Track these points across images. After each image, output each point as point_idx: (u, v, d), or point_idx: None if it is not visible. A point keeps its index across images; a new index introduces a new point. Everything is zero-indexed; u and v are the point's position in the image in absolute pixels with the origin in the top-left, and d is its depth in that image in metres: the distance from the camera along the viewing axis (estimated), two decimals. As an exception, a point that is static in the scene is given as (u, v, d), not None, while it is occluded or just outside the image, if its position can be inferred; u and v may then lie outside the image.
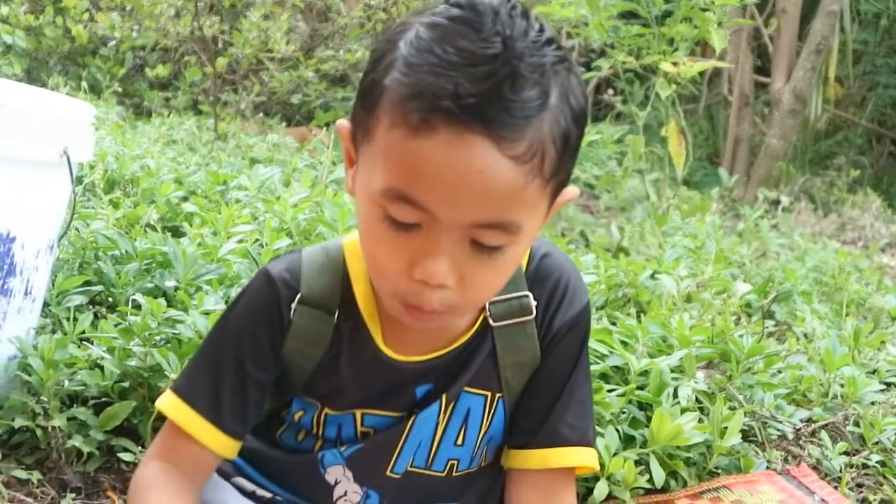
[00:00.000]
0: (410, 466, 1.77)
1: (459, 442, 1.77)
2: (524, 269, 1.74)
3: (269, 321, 1.68)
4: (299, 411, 1.77)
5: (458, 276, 1.44)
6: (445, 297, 1.46)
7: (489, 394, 1.75)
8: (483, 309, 1.71)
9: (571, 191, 1.57)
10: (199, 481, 1.71)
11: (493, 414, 1.77)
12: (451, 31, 1.36)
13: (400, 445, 1.74)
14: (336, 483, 1.78)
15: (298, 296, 1.68)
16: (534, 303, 1.73)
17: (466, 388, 1.73)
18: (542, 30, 1.40)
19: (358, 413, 1.73)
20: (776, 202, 8.02)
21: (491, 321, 1.71)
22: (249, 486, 1.80)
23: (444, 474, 1.80)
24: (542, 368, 1.77)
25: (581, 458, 1.78)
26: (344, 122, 1.58)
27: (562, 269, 1.78)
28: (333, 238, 1.82)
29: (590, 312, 1.81)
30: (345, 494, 1.78)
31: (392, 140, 1.39)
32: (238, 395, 1.68)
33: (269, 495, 1.80)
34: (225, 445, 1.68)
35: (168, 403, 1.70)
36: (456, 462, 1.79)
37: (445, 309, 1.48)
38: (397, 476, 1.77)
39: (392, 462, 1.75)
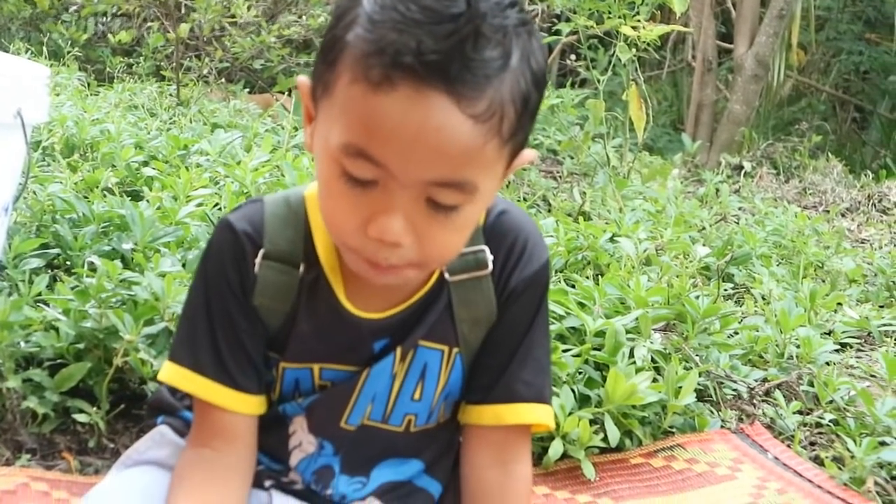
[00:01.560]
0: (367, 420, 1.76)
1: (417, 396, 1.76)
2: (482, 224, 1.74)
3: (237, 272, 1.65)
4: None
5: (413, 234, 1.44)
6: (403, 255, 1.46)
7: (446, 348, 1.75)
8: None
9: (529, 153, 1.57)
10: (240, 450, 1.68)
11: (451, 369, 1.76)
12: None
13: (354, 397, 1.73)
14: (293, 433, 1.77)
15: (262, 251, 1.66)
16: (490, 258, 1.73)
17: (422, 342, 1.73)
18: (501, 2, 1.39)
19: (316, 367, 1.73)
20: (739, 168, 8.04)
21: (447, 275, 1.71)
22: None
23: (401, 429, 1.79)
24: (499, 325, 1.76)
25: (536, 415, 1.78)
26: (304, 79, 1.57)
27: (520, 226, 1.77)
28: (293, 188, 1.79)
29: (549, 271, 1.80)
30: (300, 445, 1.77)
31: (352, 95, 1.39)
32: (238, 350, 1.65)
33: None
34: (246, 403, 1.66)
35: (177, 375, 1.67)
36: (413, 417, 1.78)
37: (404, 264, 1.48)
38: (352, 428, 1.76)
39: (346, 414, 1.74)
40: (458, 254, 1.69)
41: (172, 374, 1.67)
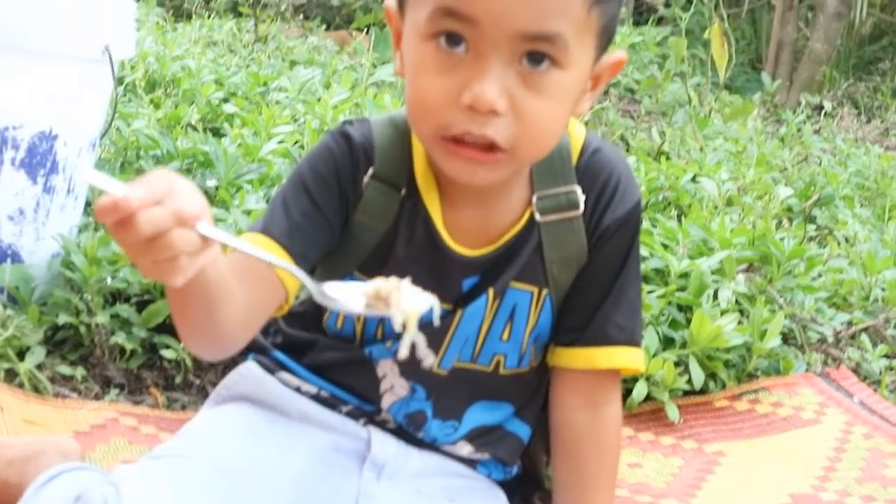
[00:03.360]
0: (457, 362, 1.76)
1: (505, 337, 1.75)
2: (574, 163, 1.72)
3: (344, 178, 1.64)
4: None
5: (508, 101, 1.42)
6: (500, 128, 1.44)
7: (536, 289, 1.73)
8: (530, 203, 1.69)
9: (619, 53, 1.58)
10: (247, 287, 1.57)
11: (541, 310, 1.75)
12: None
13: (448, 340, 1.73)
14: (383, 377, 1.77)
15: (371, 170, 1.66)
16: (582, 197, 1.70)
17: (513, 283, 1.71)
18: None
19: None
20: (819, 107, 7.91)
21: (537, 216, 1.69)
22: (294, 381, 1.79)
23: (490, 369, 1.78)
24: (591, 266, 1.74)
25: (629, 358, 1.76)
26: (390, 2, 1.59)
27: (613, 165, 1.74)
28: (397, 110, 1.78)
29: (641, 211, 1.77)
30: (391, 388, 1.77)
31: None
32: (309, 221, 1.63)
33: (314, 390, 1.78)
34: (289, 275, 1.62)
35: (244, 237, 1.65)
36: (503, 358, 1.77)
37: (504, 143, 1.45)
38: (444, 372, 1.76)
39: (439, 357, 1.74)
40: (546, 190, 1.67)
41: (244, 236, 1.63)
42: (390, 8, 1.58)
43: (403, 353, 1.32)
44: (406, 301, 1.33)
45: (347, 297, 1.35)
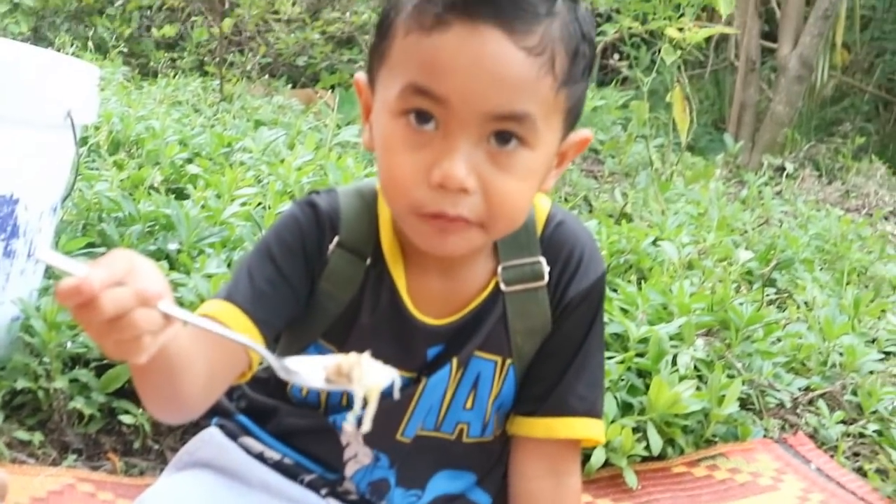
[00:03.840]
0: (421, 430, 1.77)
1: (469, 405, 1.76)
2: (539, 235, 1.74)
3: (310, 247, 1.66)
4: None
5: (477, 180, 1.45)
6: (468, 204, 1.46)
7: (500, 359, 1.74)
8: (495, 274, 1.72)
9: (585, 131, 1.62)
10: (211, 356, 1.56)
11: (504, 379, 1.76)
12: None
13: (411, 409, 1.73)
14: (347, 444, 1.77)
15: (336, 238, 1.68)
16: (546, 269, 1.73)
17: (477, 353, 1.72)
18: None
19: None
20: (781, 169, 7.98)
21: (503, 286, 1.71)
22: (257, 447, 1.79)
23: (453, 437, 1.78)
24: (554, 337, 1.76)
25: (588, 429, 1.77)
26: (360, 75, 1.62)
27: (577, 237, 1.77)
28: (364, 181, 1.80)
29: (604, 283, 1.80)
30: (355, 456, 1.77)
31: (408, 44, 1.45)
32: (273, 288, 1.63)
33: (277, 456, 1.78)
34: (246, 327, 1.60)
35: (207, 305, 1.64)
36: (466, 426, 1.78)
37: (470, 217, 1.48)
38: (407, 440, 1.76)
39: (402, 426, 1.74)
40: (511, 262, 1.70)
41: (207, 305, 1.64)
42: (361, 82, 1.61)
43: (366, 427, 1.35)
44: (367, 376, 1.35)
45: (309, 371, 1.37)
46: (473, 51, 1.40)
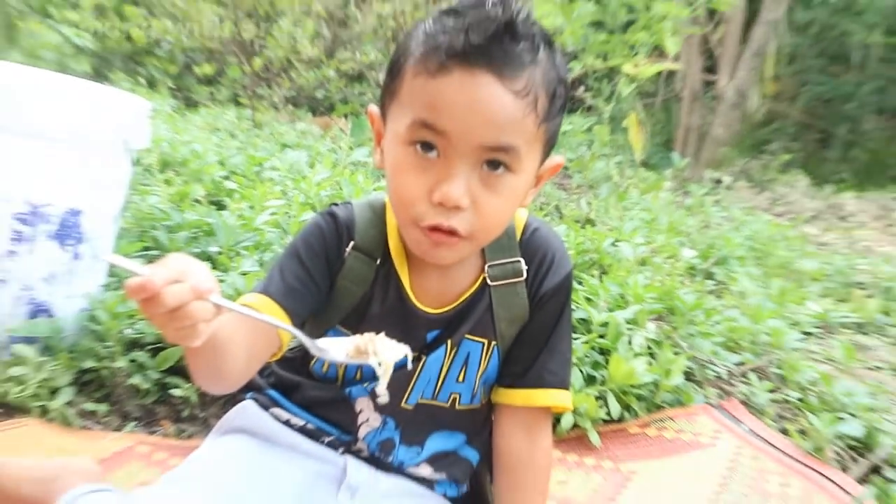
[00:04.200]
0: (421, 399, 1.80)
1: (461, 379, 1.79)
2: (518, 239, 1.78)
3: (330, 250, 1.69)
4: None
5: (470, 199, 1.49)
6: (462, 219, 1.50)
7: (486, 341, 1.78)
8: (482, 271, 1.75)
9: (558, 158, 1.65)
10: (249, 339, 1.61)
11: (490, 358, 1.79)
12: (460, 7, 1.49)
13: (413, 382, 1.77)
14: (360, 411, 1.80)
15: (352, 243, 1.72)
16: (525, 267, 1.77)
17: (467, 336, 1.76)
18: (530, 16, 1.51)
19: None
20: (719, 181, 7.99)
21: (489, 281, 1.75)
22: (285, 415, 1.82)
23: (447, 405, 1.82)
24: (531, 323, 1.79)
25: (558, 398, 1.81)
26: (373, 107, 1.65)
27: (549, 241, 1.81)
28: (375, 195, 1.83)
29: (572, 279, 1.83)
30: (367, 421, 1.80)
31: (416, 86, 1.48)
32: (301, 284, 1.67)
33: (301, 423, 1.81)
34: (277, 314, 1.63)
35: (247, 297, 1.67)
36: (458, 396, 1.81)
37: (464, 231, 1.52)
38: (410, 407, 1.79)
39: (406, 395, 1.78)
40: (496, 261, 1.72)
41: (245, 298, 1.66)
42: (374, 113, 1.64)
43: (384, 396, 1.42)
44: (383, 352, 1.39)
45: (335, 349, 1.41)
46: (470, 93, 1.44)
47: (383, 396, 1.44)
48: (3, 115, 2.42)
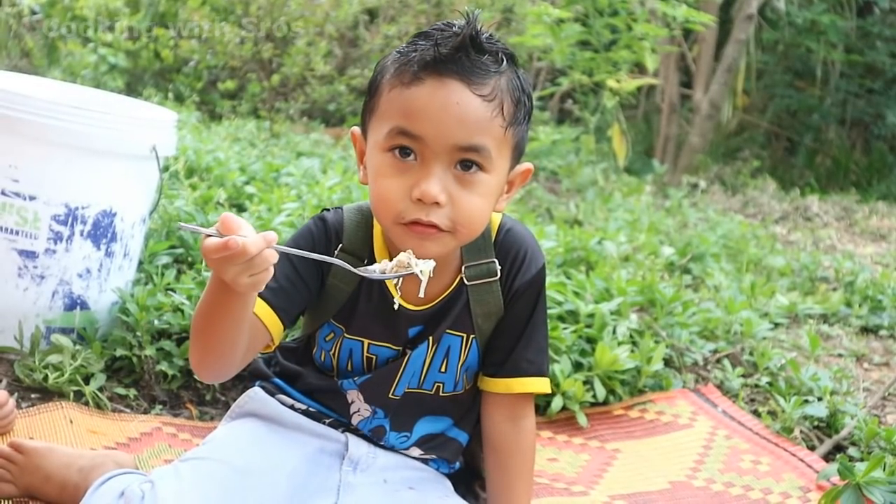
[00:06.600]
0: (407, 388, 1.79)
1: (443, 370, 1.79)
2: (493, 240, 1.77)
3: (320, 251, 1.65)
4: (329, 333, 1.78)
5: (447, 195, 1.50)
6: (441, 214, 1.51)
7: (465, 335, 1.78)
8: (460, 272, 1.74)
9: (527, 165, 1.67)
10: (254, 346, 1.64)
11: (469, 351, 1.80)
12: (430, 30, 1.54)
13: (398, 375, 1.77)
14: (352, 402, 1.80)
15: (341, 245, 1.71)
16: (498, 267, 1.76)
17: (447, 331, 1.76)
18: (493, 35, 1.56)
19: (366, 342, 1.76)
20: (696, 185, 7.96)
21: (465, 281, 1.74)
22: (289, 401, 1.82)
23: (432, 393, 1.82)
24: (506, 317, 1.79)
25: (537, 385, 1.82)
26: (356, 128, 1.68)
27: (522, 240, 1.80)
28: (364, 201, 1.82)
29: (544, 274, 1.82)
30: (358, 411, 1.81)
31: (391, 98, 1.51)
32: (290, 284, 1.66)
33: (304, 407, 1.82)
34: (273, 323, 1.64)
35: None
36: (441, 384, 1.81)
37: (444, 226, 1.52)
38: (397, 397, 1.79)
39: (393, 387, 1.78)
40: (472, 262, 1.71)
41: None
42: (356, 134, 1.66)
43: (422, 292, 1.48)
44: (419, 263, 1.46)
45: (378, 267, 1.47)
46: (442, 98, 1.47)
47: (421, 291, 1.48)
48: (44, 127, 2.41)
